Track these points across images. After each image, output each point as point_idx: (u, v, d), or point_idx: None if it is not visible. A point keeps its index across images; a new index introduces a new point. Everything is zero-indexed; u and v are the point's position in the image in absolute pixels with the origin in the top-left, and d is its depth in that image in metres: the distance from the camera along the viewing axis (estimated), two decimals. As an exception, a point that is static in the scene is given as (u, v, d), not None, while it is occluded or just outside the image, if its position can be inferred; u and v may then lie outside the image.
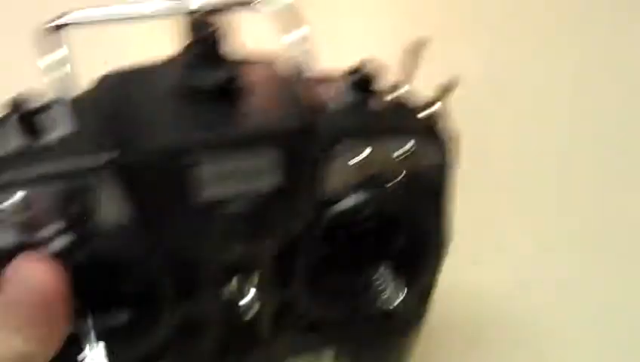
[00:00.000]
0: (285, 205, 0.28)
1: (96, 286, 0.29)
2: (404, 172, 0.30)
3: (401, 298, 0.32)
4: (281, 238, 0.29)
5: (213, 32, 0.26)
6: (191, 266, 0.29)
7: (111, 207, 0.27)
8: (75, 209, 0.27)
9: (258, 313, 0.31)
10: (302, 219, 0.29)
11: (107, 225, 0.27)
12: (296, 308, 0.32)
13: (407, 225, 0.32)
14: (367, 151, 0.29)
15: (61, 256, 0.27)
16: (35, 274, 0.27)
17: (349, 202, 0.30)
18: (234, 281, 0.29)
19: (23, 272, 0.27)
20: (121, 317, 0.30)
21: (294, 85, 0.29)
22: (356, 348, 0.35)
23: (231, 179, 0.26)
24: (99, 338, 0.30)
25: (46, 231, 0.27)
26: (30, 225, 0.27)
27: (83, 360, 0.29)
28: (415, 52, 0.31)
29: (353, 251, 0.32)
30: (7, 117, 0.28)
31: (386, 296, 0.32)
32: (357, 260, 0.32)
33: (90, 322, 0.30)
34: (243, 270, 0.29)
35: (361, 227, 0.31)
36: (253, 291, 0.29)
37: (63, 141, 0.27)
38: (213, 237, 0.27)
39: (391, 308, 0.33)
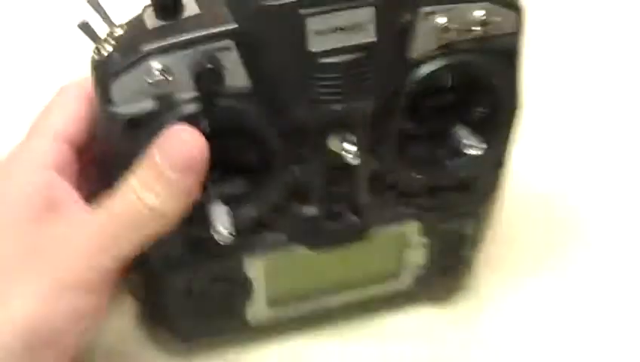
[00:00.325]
0: (380, 60, 0.32)
1: (218, 152, 0.33)
2: (481, 38, 0.33)
3: (479, 160, 0.36)
4: (376, 96, 0.33)
5: None
6: (298, 127, 0.33)
7: (233, 75, 0.31)
8: (203, 77, 0.31)
9: (356, 176, 0.35)
10: (393, 77, 0.33)
11: (231, 92, 0.32)
12: (387, 175, 0.36)
13: (485, 89, 0.35)
14: (447, 17, 0.33)
15: (192, 121, 0.32)
16: (186, 142, 0.31)
17: (431, 66, 0.34)
18: (335, 141, 0.33)
19: (175, 139, 0.31)
20: (240, 181, 0.35)
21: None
22: (437, 221, 0.40)
23: (333, 35, 0.30)
24: (222, 201, 0.34)
25: (179, 97, 0.31)
26: (165, 91, 0.31)
27: (208, 218, 0.34)
28: None
29: (436, 117, 0.36)
30: (146, 7, 0.33)
31: (465, 158, 0.36)
32: (439, 125, 0.36)
33: (214, 185, 0.34)
34: (343, 128, 0.33)
35: (442, 92, 0.35)
36: (352, 150, 0.33)
37: (192, 19, 0.32)
38: (319, 91, 0.32)
39: (470, 164, 0.37)
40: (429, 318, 0.44)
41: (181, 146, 0.31)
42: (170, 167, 0.31)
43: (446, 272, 0.43)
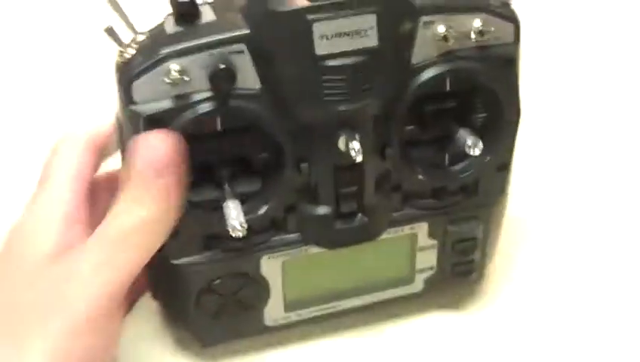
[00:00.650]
0: (382, 64, 0.34)
1: (232, 151, 0.36)
2: (480, 47, 0.36)
3: (482, 163, 0.38)
4: (380, 97, 0.35)
5: None
6: (307, 126, 0.35)
7: (245, 77, 0.34)
8: (217, 78, 0.33)
9: (363, 176, 0.37)
10: (396, 81, 0.35)
11: (243, 93, 0.34)
12: (393, 177, 0.38)
13: (485, 95, 0.37)
14: (446, 26, 0.35)
15: (207, 119, 0.34)
16: (153, 146, 0.33)
17: (432, 72, 0.36)
18: (342, 140, 0.35)
19: (142, 145, 0.33)
20: (253, 180, 0.37)
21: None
22: (445, 223, 0.41)
23: (339, 39, 0.33)
24: (236, 198, 0.36)
25: (195, 97, 0.34)
26: (182, 91, 0.34)
27: (223, 215, 0.35)
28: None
29: (439, 122, 0.38)
30: (167, 15, 0.35)
31: (468, 161, 0.38)
32: (443, 130, 0.38)
33: (228, 183, 0.37)
34: (350, 128, 0.35)
35: (445, 98, 0.37)
36: (358, 148, 0.35)
37: (208, 24, 0.34)
38: (325, 92, 0.34)
39: (473, 167, 0.38)
40: (441, 323, 0.45)
41: (150, 151, 0.33)
42: (145, 172, 0.33)
43: (458, 277, 0.44)
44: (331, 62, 0.33)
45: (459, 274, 0.44)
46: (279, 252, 0.40)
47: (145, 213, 0.33)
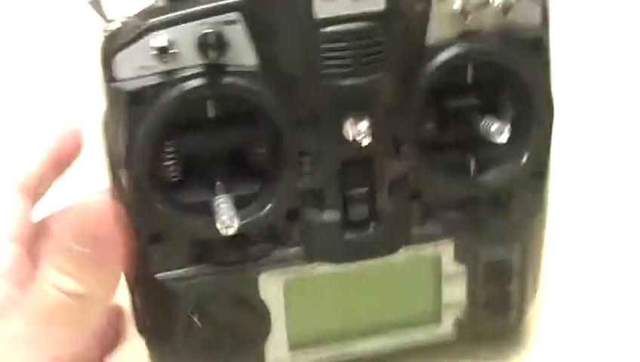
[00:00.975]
0: (389, 32, 0.30)
1: (225, 145, 0.32)
2: (503, 27, 0.32)
3: (513, 168, 0.34)
4: (388, 72, 0.31)
5: None
6: (309, 110, 0.31)
7: (240, 52, 0.31)
8: (207, 49, 0.30)
9: (373, 172, 0.33)
10: (408, 59, 0.31)
11: (237, 70, 0.31)
12: (410, 180, 0.34)
13: (511, 85, 0.33)
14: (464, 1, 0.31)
15: (196, 96, 0.31)
16: (77, 215, 0.30)
17: (449, 53, 0.32)
18: (348, 124, 0.31)
19: (66, 212, 0.30)
20: (249, 181, 0.33)
21: None
22: (473, 243, 0.36)
23: (341, 1, 0.29)
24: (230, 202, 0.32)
25: (183, 72, 0.30)
26: (169, 65, 0.30)
27: (215, 207, 0.31)
28: None
29: (459, 118, 0.33)
30: None
31: (498, 167, 0.34)
32: (466, 129, 0.34)
33: (220, 182, 0.33)
34: (357, 111, 0.31)
35: (467, 92, 0.33)
36: (365, 130, 0.31)
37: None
38: (326, 64, 0.30)
39: (504, 173, 0.34)
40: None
41: (81, 218, 0.30)
42: (74, 241, 0.30)
43: (492, 315, 0.38)
44: (332, 28, 0.30)
45: (493, 310, 0.37)
46: (280, 268, 0.35)
47: (70, 287, 0.30)
